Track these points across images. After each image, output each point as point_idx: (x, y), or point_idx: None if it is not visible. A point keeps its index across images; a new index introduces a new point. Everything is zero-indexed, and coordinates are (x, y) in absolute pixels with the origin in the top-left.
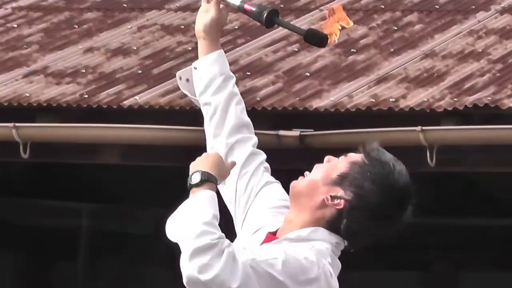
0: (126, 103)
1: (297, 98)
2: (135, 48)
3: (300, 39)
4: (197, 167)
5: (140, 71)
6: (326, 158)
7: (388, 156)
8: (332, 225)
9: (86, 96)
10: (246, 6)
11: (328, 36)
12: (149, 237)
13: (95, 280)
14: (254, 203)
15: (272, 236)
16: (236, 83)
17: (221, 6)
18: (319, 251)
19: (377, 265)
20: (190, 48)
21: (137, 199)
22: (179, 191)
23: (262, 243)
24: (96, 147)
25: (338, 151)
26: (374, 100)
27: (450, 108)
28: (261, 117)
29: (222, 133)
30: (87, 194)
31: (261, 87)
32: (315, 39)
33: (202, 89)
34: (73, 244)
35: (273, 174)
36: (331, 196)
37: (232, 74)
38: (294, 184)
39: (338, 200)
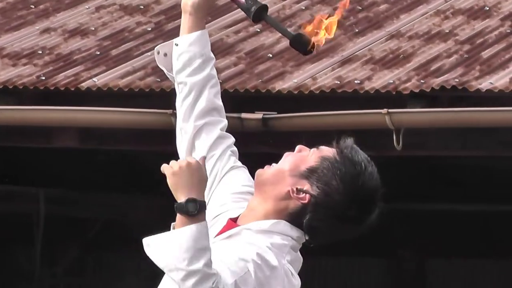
0: (84, 85)
1: (260, 80)
2: (93, 28)
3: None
4: (188, 191)
5: (99, 52)
6: (298, 147)
7: (361, 156)
8: (295, 219)
9: (43, 78)
10: None
11: (315, 45)
12: (108, 222)
13: (52, 266)
14: (218, 188)
15: (232, 222)
16: None
17: None
18: (278, 248)
19: (342, 251)
20: (149, 29)
21: (95, 184)
22: (137, 175)
23: (222, 229)
24: (54, 131)
25: (301, 134)
26: (338, 82)
27: (416, 90)
28: (223, 99)
29: (191, 115)
30: (45, 179)
31: (222, 68)
32: (302, 47)
33: (180, 68)
34: (30, 230)
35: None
36: (296, 189)
37: (213, 56)
38: (260, 172)
39: (304, 194)
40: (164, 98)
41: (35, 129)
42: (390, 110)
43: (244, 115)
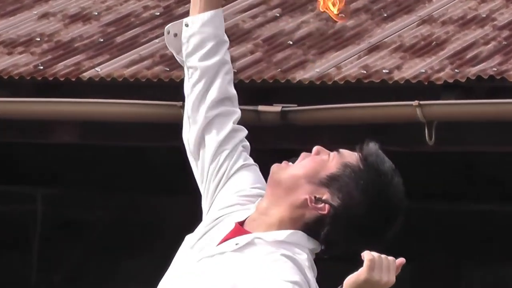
0: (86, 75)
1: (279, 70)
2: (96, 13)
3: (281, 3)
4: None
5: (102, 40)
6: (315, 149)
7: (387, 165)
8: (312, 230)
9: (41, 67)
10: None
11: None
12: (111, 225)
13: (50, 272)
14: (225, 188)
15: (241, 227)
16: None
17: None
18: (300, 266)
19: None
20: (158, 14)
21: (97, 183)
22: (143, 174)
23: (229, 235)
24: (52, 125)
25: (324, 129)
26: (365, 72)
27: (450, 81)
28: (238, 90)
29: (202, 105)
30: (42, 177)
31: (237, 57)
32: None
33: (190, 50)
34: (26, 233)
35: (252, 155)
36: (315, 198)
37: (227, 39)
38: (276, 169)
39: (323, 204)
40: (174, 89)
41: (32, 123)
42: (421, 102)
43: (261, 107)
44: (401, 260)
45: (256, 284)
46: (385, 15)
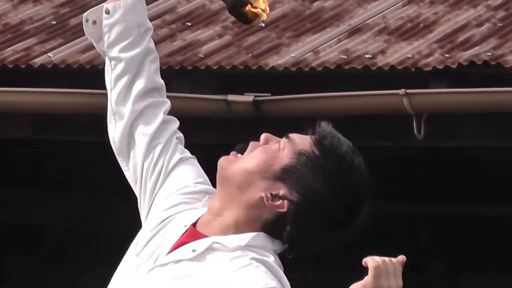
0: (37, 61)
1: (250, 55)
2: None
3: None
4: None
5: (55, 22)
6: (263, 137)
7: (344, 146)
8: (273, 230)
9: None
10: None
11: (257, 14)
12: (70, 230)
13: (1, 284)
14: (164, 186)
15: (195, 231)
16: (174, 36)
17: None
18: (273, 270)
19: (356, 265)
20: None
21: (54, 183)
22: (106, 172)
23: (184, 238)
24: (1, 117)
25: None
26: (345, 57)
27: (440, 67)
28: (206, 78)
29: (128, 98)
30: None
31: (204, 41)
32: (239, 13)
33: (112, 40)
34: None
35: (223, 149)
36: (271, 195)
37: (151, 25)
38: (223, 164)
39: (280, 201)
40: None
41: None
42: (408, 91)
43: (231, 97)
44: (403, 258)
45: None
46: None
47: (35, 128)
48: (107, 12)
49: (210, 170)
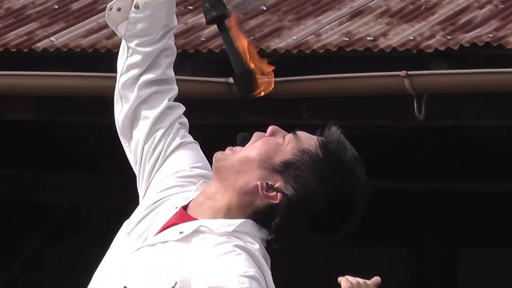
0: (40, 45)
1: (251, 38)
2: None
3: None
4: None
5: (57, 6)
6: (270, 129)
7: (349, 153)
8: (262, 219)
9: None
10: None
11: (261, 89)
12: (73, 209)
13: (8, 260)
14: (163, 168)
15: (184, 213)
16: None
17: None
18: (255, 257)
19: (359, 239)
20: None
21: (56, 163)
22: (105, 152)
23: (172, 220)
24: (4, 100)
25: (302, 102)
26: (347, 39)
27: (442, 48)
28: (207, 61)
29: (136, 85)
30: None
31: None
32: (245, 88)
33: (134, 33)
34: None
35: (223, 130)
36: (267, 185)
37: (176, 23)
38: (219, 156)
39: (275, 192)
40: None
41: None
42: (410, 72)
43: (232, 80)
44: (377, 279)
45: (207, 279)
46: None
47: (38, 110)
48: (137, 7)
49: (211, 152)
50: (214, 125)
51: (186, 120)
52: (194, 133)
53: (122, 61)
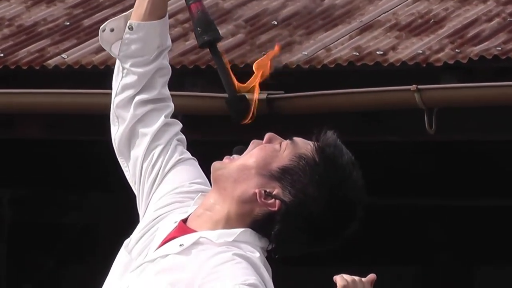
0: (52, 62)
1: (263, 53)
2: None
3: None
4: None
5: (68, 23)
6: (267, 136)
7: (346, 157)
8: (261, 227)
9: (2, 54)
10: (197, 5)
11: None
12: (87, 228)
13: (21, 282)
14: (161, 186)
15: (184, 226)
16: (187, 35)
17: None
18: (256, 266)
19: (370, 259)
20: None
21: (69, 182)
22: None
23: (172, 234)
24: (16, 118)
25: (313, 117)
26: (357, 54)
27: (451, 62)
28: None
29: (131, 105)
30: (8, 177)
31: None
32: (238, 114)
33: (128, 54)
34: None
35: (234, 146)
36: (265, 192)
37: (170, 43)
38: (217, 165)
39: (273, 199)
40: None
41: None
42: (419, 86)
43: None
44: (373, 276)
45: None
46: None
47: (50, 128)
48: (131, 28)
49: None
50: (226, 140)
51: (183, 136)
52: (212, 149)
53: (117, 82)
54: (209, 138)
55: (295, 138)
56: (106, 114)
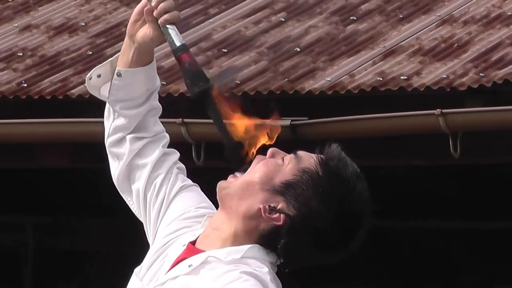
0: (75, 92)
1: (286, 80)
2: (83, 24)
3: (287, 6)
4: None
5: (90, 52)
6: (270, 151)
7: (350, 170)
8: (268, 243)
9: (25, 84)
10: (184, 57)
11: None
12: (109, 255)
13: None
14: (167, 214)
15: (193, 247)
16: (210, 62)
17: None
18: (264, 282)
19: (390, 279)
20: None
21: (93, 209)
22: None
23: (182, 256)
24: (39, 148)
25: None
26: (381, 79)
27: (475, 86)
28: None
29: (125, 143)
30: (32, 205)
31: (240, 67)
32: (235, 158)
33: (118, 98)
34: (16, 267)
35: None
36: (269, 207)
37: (159, 84)
38: (223, 185)
39: (278, 214)
40: (172, 104)
41: (17, 146)
42: (444, 111)
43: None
44: None
45: None
46: (401, 16)
47: (74, 157)
48: (119, 75)
49: None
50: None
51: (182, 165)
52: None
53: (108, 123)
54: (232, 165)
55: (299, 152)
56: None
